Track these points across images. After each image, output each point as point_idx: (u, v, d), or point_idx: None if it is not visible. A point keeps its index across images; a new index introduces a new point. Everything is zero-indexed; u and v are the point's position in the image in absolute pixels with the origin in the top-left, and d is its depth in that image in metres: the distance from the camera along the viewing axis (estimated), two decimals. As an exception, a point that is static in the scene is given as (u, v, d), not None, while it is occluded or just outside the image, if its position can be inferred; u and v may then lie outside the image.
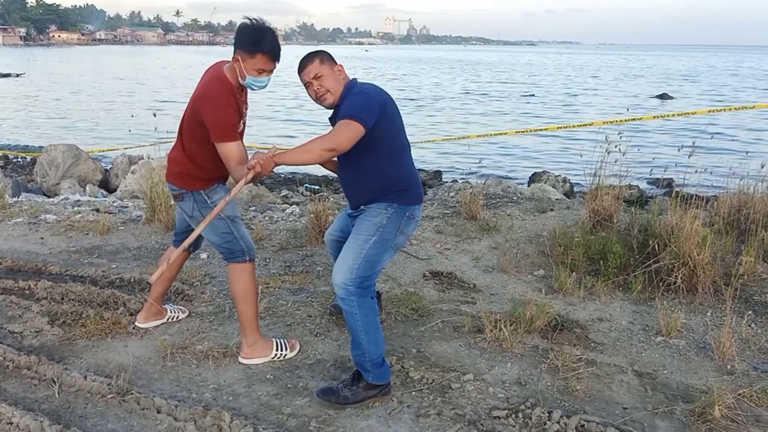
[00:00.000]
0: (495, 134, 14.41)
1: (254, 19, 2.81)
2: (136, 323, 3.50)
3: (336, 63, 2.88)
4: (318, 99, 2.86)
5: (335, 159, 2.91)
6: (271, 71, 2.88)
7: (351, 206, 3.05)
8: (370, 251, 2.78)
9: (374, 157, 2.78)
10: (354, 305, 2.75)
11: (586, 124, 12.36)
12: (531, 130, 13.42)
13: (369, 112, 2.64)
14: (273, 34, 2.82)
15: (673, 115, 13.72)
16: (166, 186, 3.25)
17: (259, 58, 2.80)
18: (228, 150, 2.80)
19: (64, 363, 3.11)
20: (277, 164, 2.67)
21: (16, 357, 3.10)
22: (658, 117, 13.89)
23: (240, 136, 2.93)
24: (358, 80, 2.93)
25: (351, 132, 2.60)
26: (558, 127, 14.72)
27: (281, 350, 3.21)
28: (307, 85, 2.87)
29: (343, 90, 2.83)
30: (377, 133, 2.69)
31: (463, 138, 14.55)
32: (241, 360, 3.15)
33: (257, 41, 2.77)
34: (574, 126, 13.61)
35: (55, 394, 2.83)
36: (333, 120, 2.85)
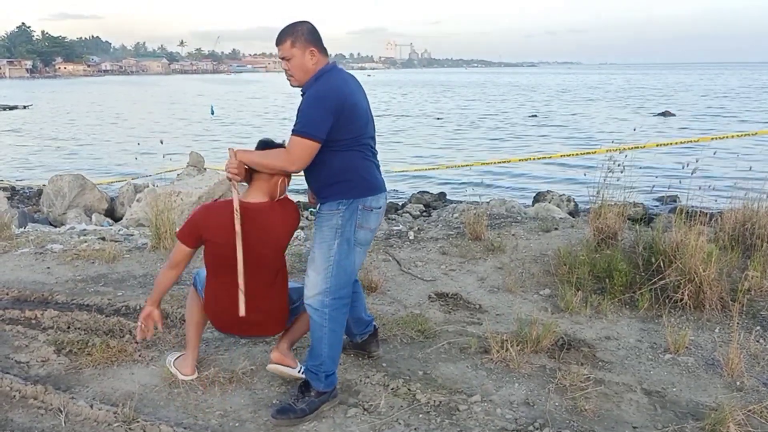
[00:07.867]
0: (499, 162, 14.66)
1: None
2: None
3: (311, 45, 2.72)
4: (287, 76, 2.79)
5: None
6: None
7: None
8: (338, 256, 2.74)
9: (326, 153, 2.67)
10: (326, 317, 2.73)
11: (589, 153, 12.61)
12: (534, 158, 13.78)
13: (319, 125, 2.58)
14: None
15: (676, 143, 13.91)
16: (170, 213, 3.27)
17: None
18: None
19: (71, 392, 3.11)
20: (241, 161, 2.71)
21: (22, 387, 3.10)
22: (660, 145, 14.05)
23: None
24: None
25: (304, 151, 2.61)
26: (561, 155, 15.11)
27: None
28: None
29: (311, 78, 2.72)
30: (330, 135, 2.62)
31: (468, 166, 14.83)
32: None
33: None
34: (576, 154, 14.01)
35: (62, 424, 2.83)
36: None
